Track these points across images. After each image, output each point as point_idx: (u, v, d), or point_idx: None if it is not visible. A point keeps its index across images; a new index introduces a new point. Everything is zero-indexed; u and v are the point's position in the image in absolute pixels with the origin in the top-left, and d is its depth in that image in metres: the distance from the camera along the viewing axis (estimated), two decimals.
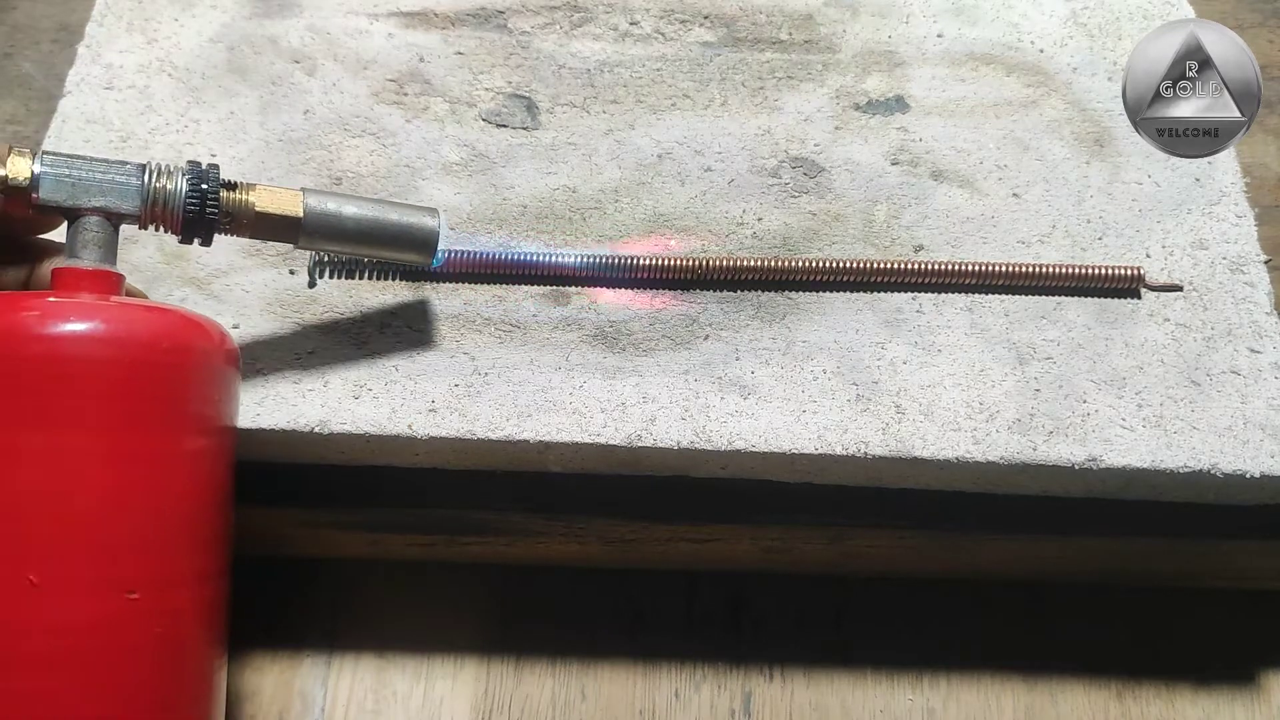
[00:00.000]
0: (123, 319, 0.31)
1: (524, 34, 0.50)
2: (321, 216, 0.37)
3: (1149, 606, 0.48)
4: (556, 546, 0.45)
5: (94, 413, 0.30)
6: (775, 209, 0.45)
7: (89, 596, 0.30)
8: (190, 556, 0.32)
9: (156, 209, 0.34)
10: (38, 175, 0.32)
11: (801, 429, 0.40)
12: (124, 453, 0.30)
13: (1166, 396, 0.41)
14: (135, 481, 0.31)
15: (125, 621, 0.30)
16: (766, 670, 0.47)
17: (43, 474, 0.29)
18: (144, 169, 0.34)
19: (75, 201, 0.33)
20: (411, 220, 0.39)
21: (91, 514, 0.30)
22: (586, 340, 0.42)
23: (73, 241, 0.33)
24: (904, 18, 0.51)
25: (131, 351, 0.31)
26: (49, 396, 0.30)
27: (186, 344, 0.32)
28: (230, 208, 0.35)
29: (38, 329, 0.30)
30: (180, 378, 0.32)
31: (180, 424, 0.32)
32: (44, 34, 0.52)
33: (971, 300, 0.43)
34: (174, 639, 0.32)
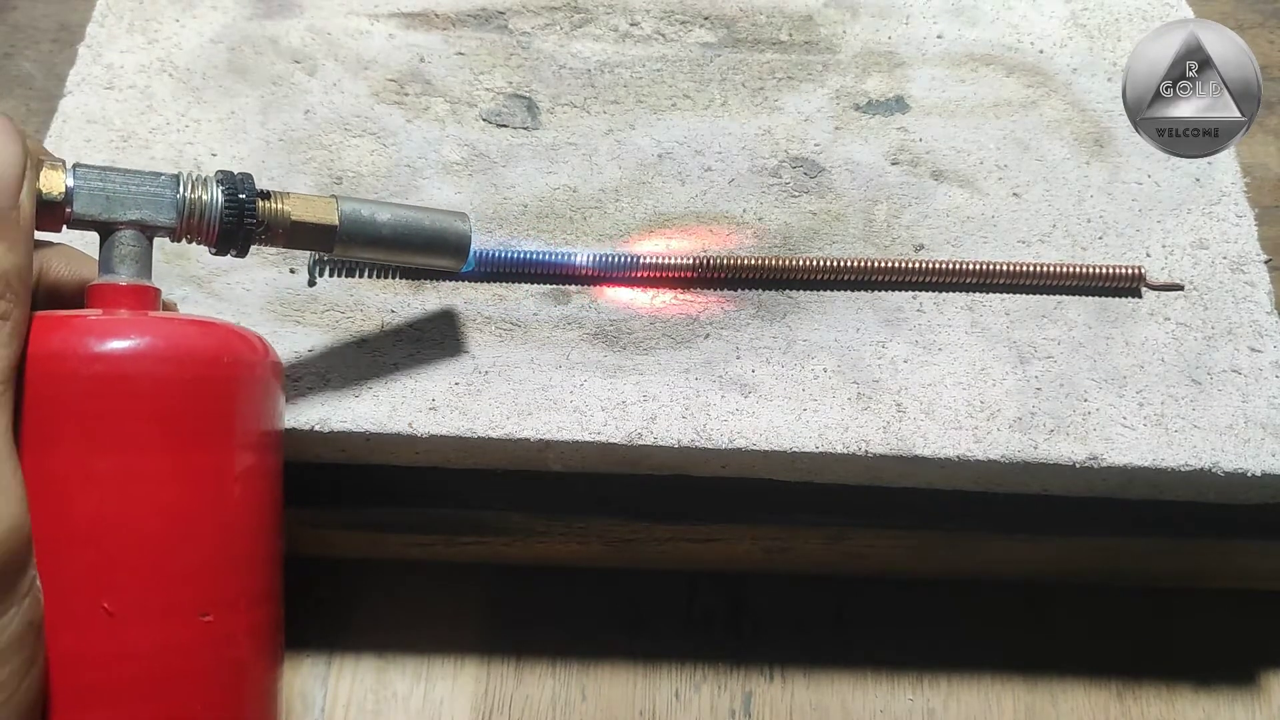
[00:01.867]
0: (179, 335, 0.30)
1: (524, 34, 0.50)
2: (356, 224, 0.36)
3: (1149, 606, 0.48)
4: (556, 546, 0.45)
5: (157, 432, 0.29)
6: (776, 209, 0.45)
7: (164, 621, 0.29)
8: (256, 574, 0.32)
9: (192, 221, 0.33)
10: (71, 189, 0.31)
11: (802, 428, 0.40)
12: (189, 472, 0.30)
13: (1167, 395, 0.41)
14: (202, 500, 0.30)
15: (200, 645, 0.30)
16: (766, 670, 0.47)
17: (112, 498, 0.28)
18: (178, 180, 0.33)
19: (110, 215, 0.32)
20: (444, 225, 0.38)
21: (162, 536, 0.29)
22: (587, 339, 0.42)
23: (108, 256, 0.32)
24: (904, 18, 0.51)
25: (191, 368, 0.30)
26: (113, 419, 0.29)
27: (240, 358, 0.31)
28: (266, 217, 0.34)
29: (98, 349, 0.29)
30: (237, 392, 0.31)
31: (240, 440, 0.31)
32: (44, 34, 0.52)
33: (972, 299, 0.43)
34: (245, 659, 0.31)
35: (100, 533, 0.28)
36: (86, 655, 0.28)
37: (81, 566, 0.28)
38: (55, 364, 0.28)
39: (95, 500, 0.28)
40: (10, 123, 0.29)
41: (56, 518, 0.28)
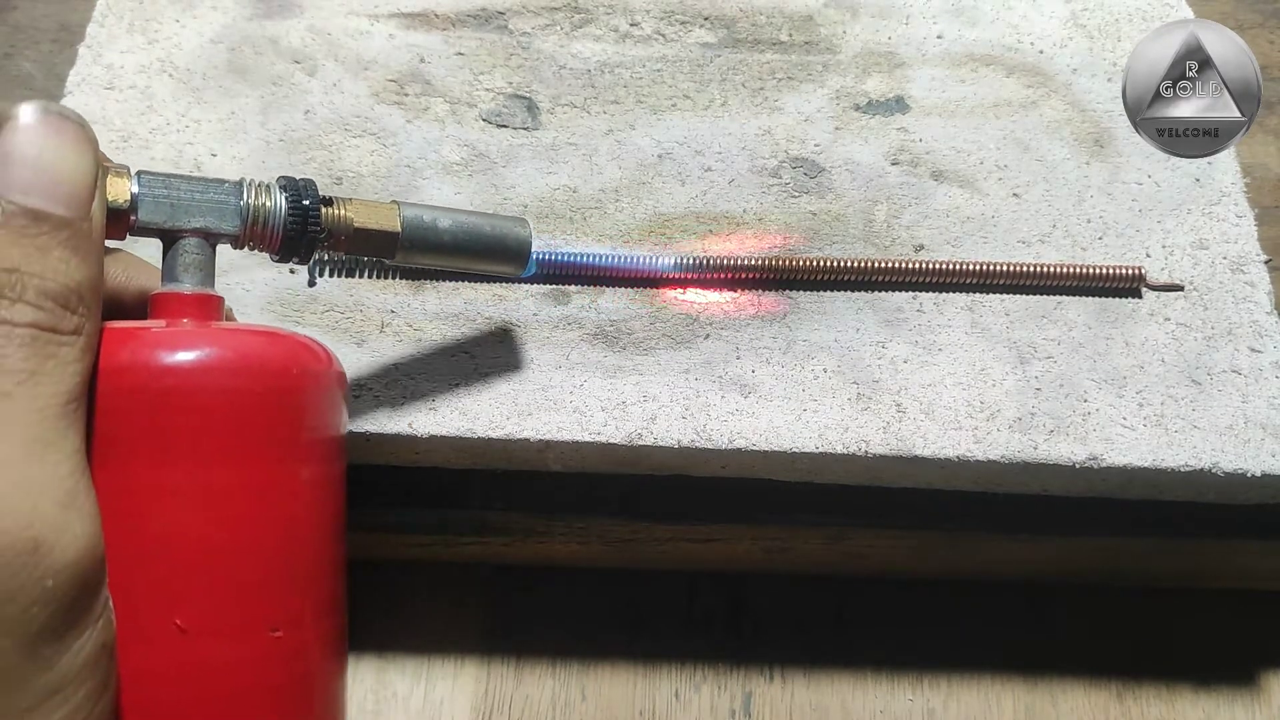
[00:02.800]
0: (249, 347, 0.30)
1: (524, 35, 0.50)
2: (418, 230, 0.35)
3: (1149, 606, 0.48)
4: (556, 546, 0.45)
5: (227, 445, 0.29)
6: (776, 209, 0.45)
7: (236, 637, 0.28)
8: (324, 586, 0.31)
9: (255, 228, 0.32)
10: (136, 196, 0.30)
11: (802, 428, 0.40)
12: (258, 484, 0.29)
13: (1167, 395, 0.41)
14: (272, 513, 0.29)
15: (271, 660, 0.29)
16: (767, 671, 0.47)
17: (183, 512, 0.28)
18: (240, 186, 0.32)
19: (175, 223, 0.31)
20: (505, 231, 0.38)
21: (232, 551, 0.29)
22: (587, 339, 0.42)
23: (171, 265, 0.31)
24: (904, 19, 0.51)
25: (261, 380, 0.29)
26: (183, 432, 0.28)
27: (307, 368, 0.31)
28: (329, 224, 0.34)
29: (168, 362, 0.28)
30: (305, 403, 0.31)
31: (308, 451, 0.30)
32: (44, 34, 0.52)
33: (972, 300, 0.43)
34: (314, 673, 0.31)
35: (171, 548, 0.28)
36: (158, 673, 0.28)
37: (153, 582, 0.28)
38: (125, 377, 0.28)
39: (166, 515, 0.28)
40: (83, 129, 0.28)
41: (127, 533, 0.27)
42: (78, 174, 0.27)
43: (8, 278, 0.25)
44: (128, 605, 0.27)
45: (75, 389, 0.26)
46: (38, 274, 0.26)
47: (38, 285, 0.26)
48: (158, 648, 0.27)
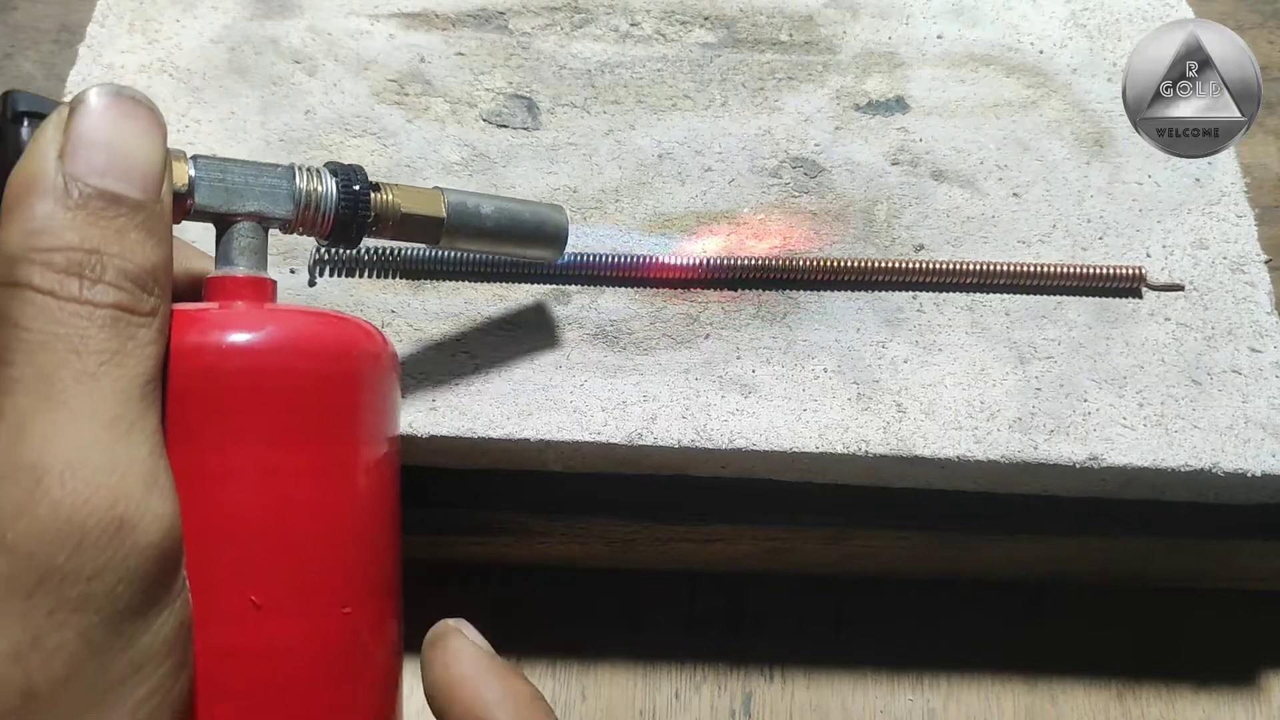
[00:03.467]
0: (313, 328, 0.30)
1: (525, 35, 0.50)
2: (462, 216, 0.36)
3: (1149, 606, 0.48)
4: (556, 546, 0.45)
5: (295, 425, 0.29)
6: (776, 209, 0.45)
7: (308, 615, 0.29)
8: (388, 565, 0.31)
9: (307, 213, 0.32)
10: (194, 180, 0.30)
11: (802, 428, 0.40)
12: (325, 464, 0.29)
13: (1167, 395, 0.41)
14: (339, 492, 0.30)
15: (341, 637, 0.29)
16: (767, 671, 0.47)
17: (254, 492, 0.28)
18: (292, 170, 0.32)
19: (230, 207, 0.31)
20: (543, 216, 0.38)
21: (303, 529, 0.29)
22: (587, 339, 0.42)
23: (226, 248, 0.31)
24: (904, 19, 0.51)
25: (325, 360, 0.30)
26: (252, 412, 0.28)
27: (366, 349, 0.31)
28: (378, 209, 0.34)
29: (239, 342, 0.28)
30: (365, 383, 0.31)
31: (370, 430, 0.31)
32: (45, 34, 0.52)
33: (972, 299, 0.43)
34: (380, 651, 0.31)
35: (245, 526, 0.28)
36: (235, 649, 0.28)
37: (228, 560, 0.28)
38: (195, 358, 0.28)
39: (238, 494, 0.28)
40: (153, 113, 0.28)
41: (201, 513, 0.27)
42: (150, 157, 0.27)
43: (89, 259, 0.25)
44: (204, 584, 0.27)
45: (153, 369, 0.26)
46: (117, 255, 0.26)
47: (118, 266, 0.26)
48: (234, 625, 0.28)
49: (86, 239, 0.25)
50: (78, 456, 0.24)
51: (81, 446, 0.24)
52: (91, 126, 0.27)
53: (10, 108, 0.28)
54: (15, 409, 0.24)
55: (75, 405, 0.25)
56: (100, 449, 0.25)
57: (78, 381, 0.25)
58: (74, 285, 0.25)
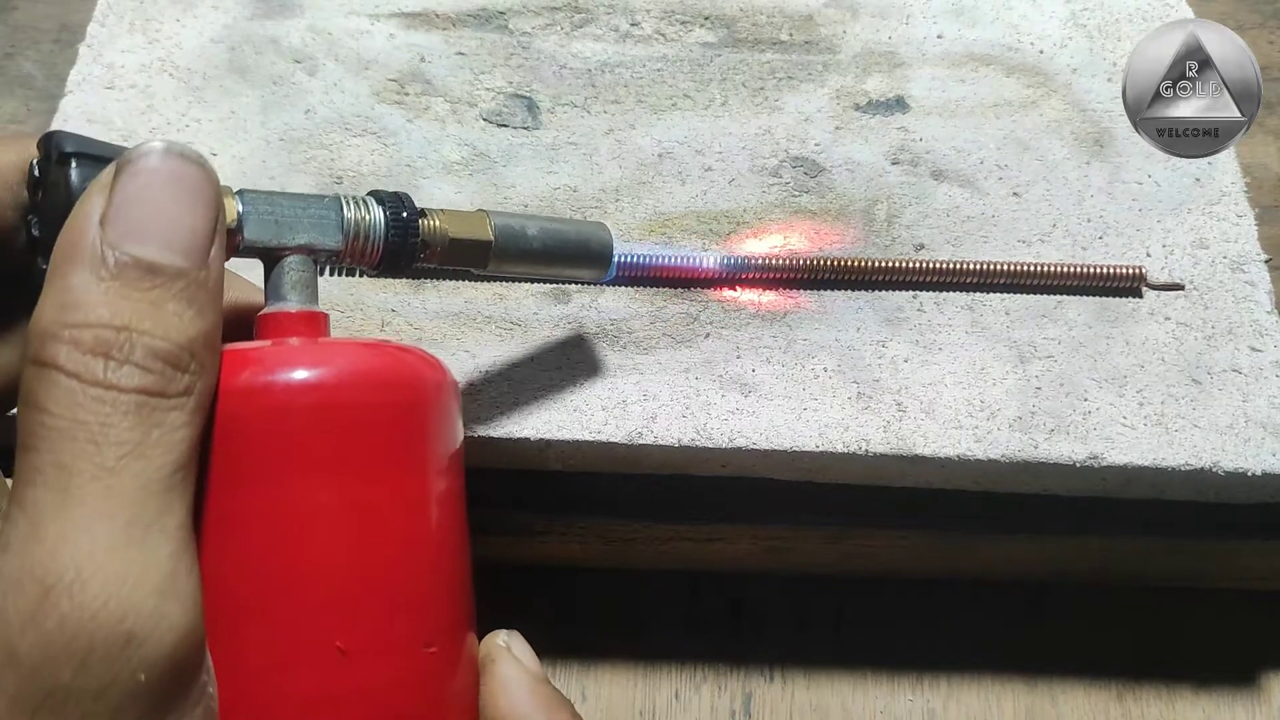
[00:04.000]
0: (381, 361, 0.29)
1: (525, 35, 0.50)
2: (509, 238, 0.35)
3: (1149, 606, 0.48)
4: (556, 546, 0.45)
5: (372, 461, 0.28)
6: (776, 208, 0.45)
7: (394, 656, 0.28)
8: (466, 599, 0.31)
9: (357, 243, 0.31)
10: (242, 215, 0.29)
11: (803, 427, 0.40)
12: (401, 499, 0.28)
13: (1168, 394, 0.41)
14: (416, 527, 0.29)
15: (427, 676, 0.29)
16: (767, 671, 0.47)
17: (335, 532, 0.27)
18: (339, 201, 0.31)
19: (279, 240, 0.30)
20: (588, 235, 0.37)
21: (385, 567, 0.28)
22: (587, 338, 0.42)
23: (277, 283, 0.30)
24: (904, 19, 0.51)
25: (395, 393, 0.29)
26: (331, 450, 0.27)
27: (429, 380, 0.30)
28: (427, 235, 0.33)
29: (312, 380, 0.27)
30: (433, 415, 0.30)
31: (439, 463, 0.30)
32: (45, 34, 0.52)
33: (972, 299, 0.43)
34: (464, 688, 0.30)
35: (328, 568, 0.27)
36: (323, 697, 0.27)
37: (312, 605, 0.27)
38: (269, 398, 0.27)
39: (320, 535, 0.27)
40: (203, 171, 0.26)
41: (278, 557, 0.27)
42: (196, 221, 0.26)
43: (116, 336, 0.24)
44: (289, 629, 0.27)
45: (183, 457, 0.25)
46: (148, 331, 0.24)
47: (147, 344, 0.24)
48: (321, 672, 0.27)
49: (117, 314, 0.24)
50: (90, 563, 0.23)
51: (94, 552, 0.23)
52: (135, 189, 0.25)
53: (55, 149, 0.27)
54: (34, 503, 0.23)
55: (92, 503, 0.23)
56: (114, 555, 0.23)
57: (95, 477, 0.23)
58: (99, 367, 0.24)
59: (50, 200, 0.27)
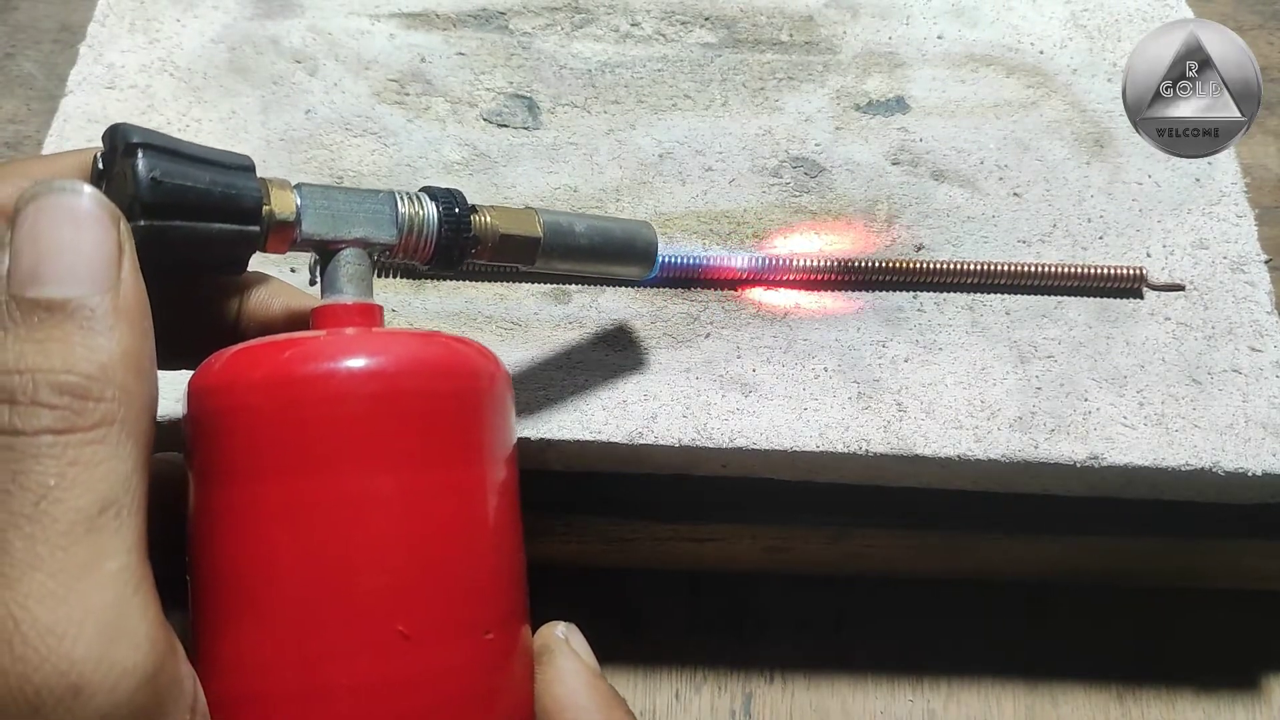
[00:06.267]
0: (438, 350, 0.29)
1: (525, 35, 0.50)
2: (557, 235, 0.35)
3: (1149, 607, 0.48)
4: (556, 546, 0.45)
5: (431, 449, 0.28)
6: (776, 208, 0.45)
7: (454, 642, 0.28)
8: (521, 589, 0.31)
9: (410, 238, 0.32)
10: (300, 208, 0.29)
11: (803, 427, 0.40)
12: (460, 487, 0.29)
13: (1168, 395, 0.41)
14: (474, 516, 0.29)
15: (484, 664, 0.29)
16: (767, 672, 0.47)
17: (396, 518, 0.27)
18: (393, 196, 0.32)
19: (335, 234, 0.30)
20: (633, 233, 0.38)
21: (445, 554, 0.28)
22: (588, 338, 0.42)
23: (333, 276, 0.30)
24: (904, 19, 0.51)
25: (453, 382, 0.29)
26: (390, 437, 0.27)
27: (484, 370, 0.30)
28: (478, 231, 0.33)
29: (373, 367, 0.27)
30: (489, 404, 0.30)
31: (496, 452, 0.30)
32: (46, 34, 0.52)
33: (972, 299, 0.43)
34: (520, 676, 0.30)
35: (389, 554, 0.27)
36: (386, 681, 0.27)
37: (373, 590, 0.27)
38: (329, 385, 0.27)
39: (380, 522, 0.27)
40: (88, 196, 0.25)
41: (345, 542, 0.27)
42: (88, 247, 0.25)
43: (19, 380, 0.23)
44: (350, 614, 0.26)
45: (111, 491, 0.23)
46: (51, 368, 0.23)
47: (50, 381, 0.23)
48: (383, 657, 0.27)
49: (20, 358, 0.23)
50: (25, 616, 0.22)
51: (27, 604, 0.22)
52: (21, 235, 0.24)
53: (121, 140, 0.27)
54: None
55: (15, 553, 0.22)
56: (47, 605, 0.22)
57: (15, 525, 0.22)
58: (4, 414, 0.23)
59: (114, 190, 0.27)
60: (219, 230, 0.28)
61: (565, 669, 0.30)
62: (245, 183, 0.28)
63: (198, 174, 0.27)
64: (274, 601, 0.26)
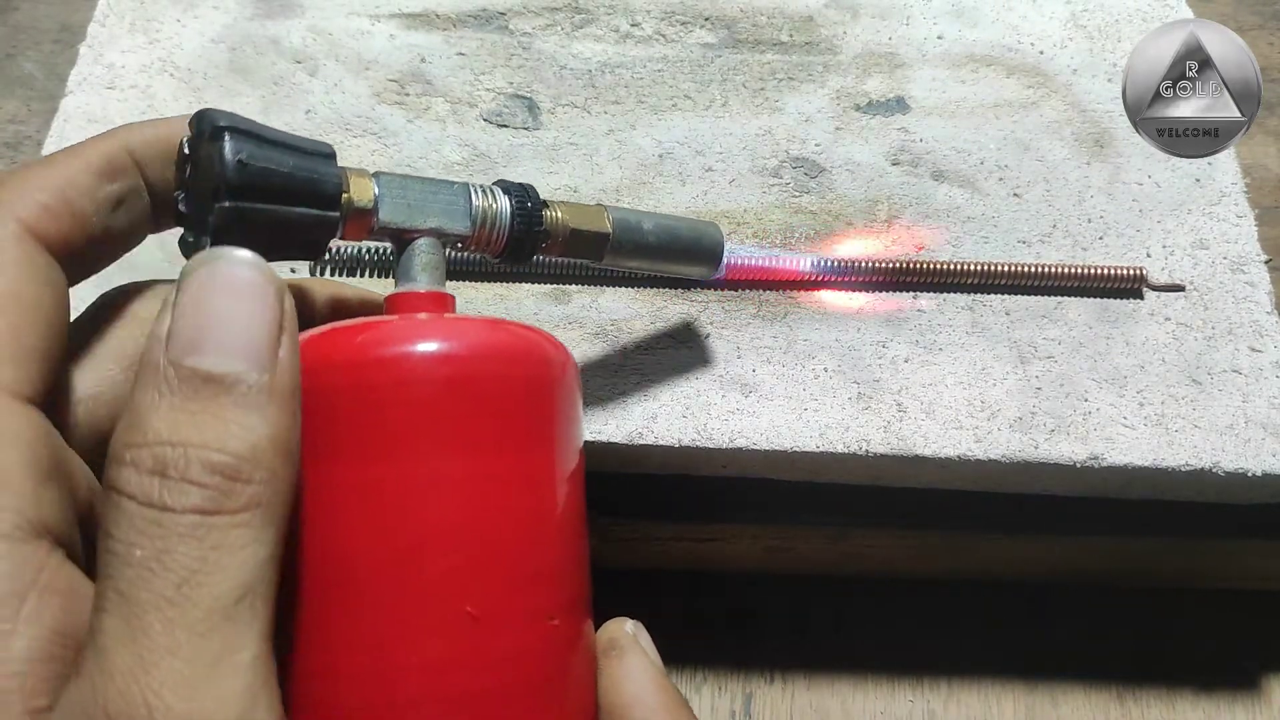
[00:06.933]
0: (511, 337, 0.29)
1: (525, 35, 0.50)
2: (626, 232, 0.35)
3: (1149, 607, 0.48)
4: None
5: (502, 434, 0.28)
6: (776, 209, 0.45)
7: (520, 626, 0.28)
8: (584, 576, 0.31)
9: (483, 230, 0.32)
10: (378, 197, 0.30)
11: (803, 427, 0.40)
12: (530, 473, 0.29)
13: (1168, 395, 0.41)
14: (543, 501, 0.29)
15: (549, 649, 0.29)
16: (767, 672, 0.47)
17: (468, 502, 0.27)
18: (467, 188, 0.32)
19: (411, 223, 0.30)
20: (700, 232, 0.38)
21: (514, 539, 0.28)
22: (588, 338, 0.42)
23: (407, 265, 0.31)
24: (904, 19, 0.51)
25: (525, 368, 0.29)
26: (463, 421, 0.27)
27: (554, 358, 0.30)
28: (549, 226, 0.33)
29: (448, 351, 0.28)
30: (559, 392, 0.30)
31: (565, 440, 0.30)
32: (46, 34, 0.52)
33: (972, 299, 0.43)
34: (582, 664, 0.30)
35: (459, 536, 0.27)
36: (453, 662, 0.27)
37: (444, 570, 0.27)
38: (403, 368, 0.27)
39: (452, 504, 0.27)
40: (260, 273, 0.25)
41: (416, 524, 0.27)
42: (253, 323, 0.25)
43: (171, 453, 0.23)
44: (419, 596, 0.27)
45: (250, 578, 0.23)
46: (204, 444, 0.23)
47: (202, 458, 0.23)
48: (452, 637, 0.27)
49: (174, 429, 0.23)
50: (159, 704, 0.22)
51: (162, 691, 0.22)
52: (188, 300, 0.24)
53: (208, 125, 0.27)
54: (104, 631, 0.22)
55: (155, 637, 0.22)
56: (182, 694, 0.22)
57: (156, 608, 0.22)
58: (155, 487, 0.23)
59: (199, 175, 0.28)
60: (300, 215, 0.28)
61: (635, 666, 0.30)
62: (327, 169, 0.29)
63: (281, 158, 0.28)
64: (348, 580, 0.26)
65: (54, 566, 0.24)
